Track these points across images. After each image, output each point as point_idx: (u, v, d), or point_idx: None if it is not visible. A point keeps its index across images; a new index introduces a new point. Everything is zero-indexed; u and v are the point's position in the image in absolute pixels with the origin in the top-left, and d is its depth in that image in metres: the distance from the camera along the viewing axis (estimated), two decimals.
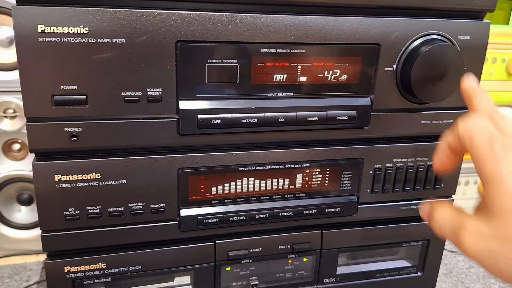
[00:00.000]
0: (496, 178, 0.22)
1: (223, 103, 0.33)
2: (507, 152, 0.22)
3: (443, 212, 0.26)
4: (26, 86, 0.29)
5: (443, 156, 0.27)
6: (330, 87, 0.34)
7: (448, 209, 0.26)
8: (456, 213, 0.25)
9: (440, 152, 0.28)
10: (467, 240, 0.23)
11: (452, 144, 0.27)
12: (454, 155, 0.27)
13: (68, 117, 0.30)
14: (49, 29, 0.28)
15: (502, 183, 0.22)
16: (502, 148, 0.22)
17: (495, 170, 0.22)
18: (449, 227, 0.25)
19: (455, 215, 0.25)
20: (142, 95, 0.31)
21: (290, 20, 0.31)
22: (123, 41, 0.29)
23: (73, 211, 0.33)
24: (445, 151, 0.27)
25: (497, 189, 0.22)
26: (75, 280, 0.35)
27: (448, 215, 0.26)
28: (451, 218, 0.25)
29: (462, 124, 0.25)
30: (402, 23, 0.33)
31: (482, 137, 0.24)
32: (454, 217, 0.25)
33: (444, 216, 0.26)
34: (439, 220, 0.26)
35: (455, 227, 0.24)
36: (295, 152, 0.36)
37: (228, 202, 0.36)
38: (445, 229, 0.25)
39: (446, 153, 0.27)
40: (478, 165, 0.23)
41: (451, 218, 0.25)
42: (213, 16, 0.30)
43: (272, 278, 0.41)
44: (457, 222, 0.24)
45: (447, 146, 0.27)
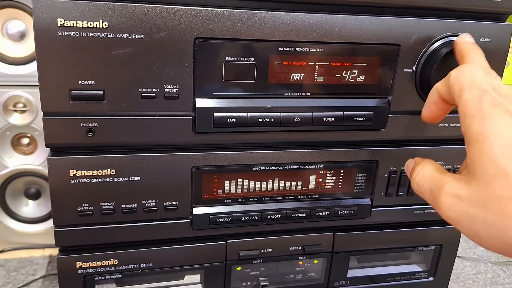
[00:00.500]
0: (481, 139, 0.21)
1: (239, 102, 0.32)
2: (495, 111, 0.21)
3: (424, 171, 0.25)
4: (44, 80, 0.29)
5: (433, 104, 0.26)
6: (347, 88, 0.34)
7: (429, 168, 0.25)
8: (436, 173, 0.24)
9: (430, 100, 0.27)
10: (445, 202, 0.22)
11: (443, 93, 0.26)
12: (444, 105, 0.26)
13: (85, 112, 0.30)
14: (68, 23, 0.28)
15: (486, 144, 0.20)
16: (490, 106, 0.21)
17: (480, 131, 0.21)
18: (428, 188, 0.24)
19: (435, 176, 0.24)
20: (159, 92, 0.31)
21: (310, 19, 0.31)
22: (142, 37, 0.29)
23: (87, 206, 0.33)
24: (436, 99, 0.26)
25: (480, 151, 0.20)
26: (87, 276, 0.35)
27: (429, 174, 0.24)
28: (432, 178, 0.24)
29: (454, 73, 0.24)
30: (423, 24, 0.33)
31: (471, 91, 0.22)
32: (434, 178, 0.24)
33: (425, 174, 0.25)
34: (419, 180, 0.25)
35: (434, 188, 0.23)
36: (309, 153, 0.36)
37: (241, 201, 0.36)
38: (423, 189, 0.24)
39: (436, 102, 0.26)
40: (463, 122, 0.22)
41: (432, 178, 0.24)
42: (232, 13, 0.30)
43: (282, 279, 0.40)
44: (437, 183, 0.23)
45: (438, 94, 0.26)
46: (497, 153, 0.20)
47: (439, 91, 0.26)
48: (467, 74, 0.23)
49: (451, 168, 0.39)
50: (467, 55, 0.27)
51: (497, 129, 0.20)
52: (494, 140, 0.20)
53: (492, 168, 0.20)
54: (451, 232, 0.42)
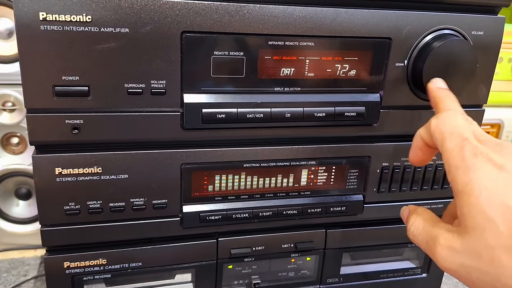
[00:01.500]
0: (467, 191, 0.21)
1: (228, 97, 0.32)
2: (477, 161, 0.22)
3: (418, 222, 0.26)
4: (27, 76, 0.28)
5: (417, 149, 0.27)
6: (338, 82, 0.34)
7: (423, 218, 0.26)
8: (430, 223, 0.25)
9: (415, 145, 0.27)
10: (441, 254, 0.23)
11: (426, 139, 0.26)
12: (428, 149, 0.27)
13: (69, 108, 0.29)
14: (51, 16, 0.27)
15: (473, 197, 0.21)
16: (472, 156, 0.22)
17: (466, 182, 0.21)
18: (424, 239, 0.25)
19: (430, 227, 0.24)
20: (145, 87, 0.30)
21: (300, 12, 0.31)
22: (127, 31, 0.28)
23: (74, 205, 0.32)
24: (419, 144, 0.27)
25: (468, 203, 0.21)
26: (75, 276, 0.34)
27: (423, 225, 0.25)
28: (426, 230, 0.25)
29: (434, 121, 0.25)
30: (414, 17, 0.32)
31: (452, 140, 0.23)
32: (428, 229, 0.24)
33: (419, 226, 0.25)
34: (414, 230, 0.26)
35: (429, 239, 0.24)
36: (301, 149, 0.36)
37: (232, 199, 0.36)
38: (419, 240, 0.25)
39: (420, 147, 0.27)
40: (449, 172, 0.23)
41: (426, 230, 0.25)
42: (220, 6, 0.29)
43: (274, 277, 0.40)
44: (431, 234, 0.24)
45: (421, 140, 0.27)
46: (484, 204, 0.21)
47: (422, 137, 0.27)
48: (446, 122, 0.24)
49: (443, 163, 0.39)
50: (442, 102, 0.28)
51: (481, 179, 0.21)
52: (479, 192, 0.21)
53: (481, 220, 0.21)
54: None
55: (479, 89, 0.36)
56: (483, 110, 0.38)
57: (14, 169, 0.58)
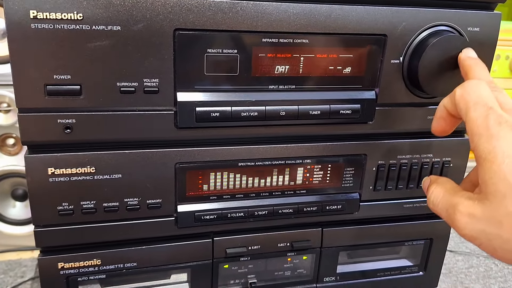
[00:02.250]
0: (490, 158, 0.21)
1: (222, 96, 0.31)
2: (501, 129, 0.22)
3: (438, 191, 0.26)
4: (18, 75, 0.28)
5: (441, 119, 0.27)
6: (333, 80, 0.33)
7: (444, 188, 0.26)
8: (451, 192, 0.25)
9: (438, 115, 0.27)
10: (460, 221, 0.23)
11: (450, 109, 0.26)
12: (452, 119, 0.27)
13: (61, 108, 0.29)
14: (41, 14, 0.27)
15: (495, 164, 0.21)
16: (496, 124, 0.22)
17: (489, 150, 0.21)
18: (444, 208, 0.25)
19: (450, 195, 0.25)
20: (138, 86, 0.30)
21: (294, 8, 0.30)
22: (118, 29, 0.28)
23: (67, 205, 0.32)
24: (443, 114, 0.27)
25: (490, 170, 0.21)
26: (69, 277, 0.34)
27: (443, 194, 0.25)
28: (446, 198, 0.25)
29: (459, 91, 0.25)
30: (410, 13, 0.32)
31: (477, 110, 0.23)
32: (448, 197, 0.25)
33: (439, 195, 0.25)
34: (434, 199, 0.26)
35: (449, 207, 0.24)
36: (296, 147, 0.35)
37: (227, 198, 0.35)
38: (439, 209, 0.25)
39: (444, 117, 0.27)
40: (472, 141, 0.23)
41: (446, 198, 0.25)
42: (213, 3, 0.29)
43: (270, 277, 0.40)
44: (451, 203, 0.24)
45: (445, 110, 0.27)
46: (507, 171, 0.21)
47: (446, 107, 0.27)
48: (471, 92, 0.24)
49: (439, 160, 0.39)
50: (471, 71, 0.28)
51: (505, 147, 0.21)
52: (503, 159, 0.21)
53: (503, 187, 0.21)
54: (441, 226, 0.42)
55: None
56: None
57: (10, 170, 0.57)
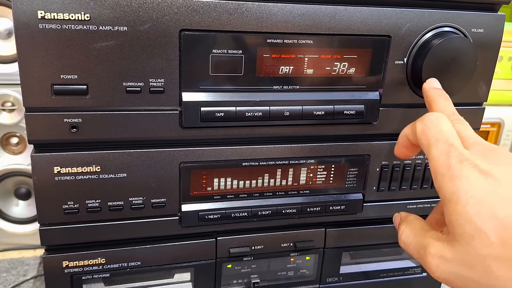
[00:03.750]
0: (454, 199, 0.21)
1: (227, 96, 0.32)
2: (463, 168, 0.21)
3: (408, 231, 0.25)
4: (25, 74, 0.28)
5: (403, 148, 0.28)
6: (337, 80, 0.33)
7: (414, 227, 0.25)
8: (421, 232, 0.24)
9: (401, 143, 0.28)
10: (432, 263, 0.22)
11: (411, 139, 0.26)
12: (413, 147, 0.27)
13: (68, 107, 0.29)
14: (49, 15, 0.27)
15: (460, 205, 0.21)
16: (457, 163, 0.21)
17: (453, 190, 0.21)
18: (415, 248, 0.24)
19: (421, 235, 0.24)
20: (144, 86, 0.30)
21: (298, 9, 0.30)
22: (125, 29, 0.28)
23: (72, 204, 0.32)
24: (405, 144, 0.27)
25: (455, 211, 0.21)
26: (74, 275, 0.34)
27: (414, 234, 0.25)
28: (416, 238, 0.24)
29: (419, 125, 0.24)
30: (414, 15, 0.32)
31: (438, 147, 0.23)
32: (419, 238, 0.24)
33: (410, 234, 0.25)
34: (404, 239, 0.25)
35: (420, 249, 0.24)
36: (300, 147, 0.35)
37: (230, 198, 0.36)
38: (411, 249, 0.25)
39: (405, 146, 0.27)
40: (435, 179, 0.23)
41: (416, 238, 0.24)
42: (218, 4, 0.29)
43: (273, 277, 0.40)
44: (422, 244, 0.24)
45: (406, 139, 0.27)
46: (471, 213, 0.20)
47: (408, 137, 0.27)
48: (432, 127, 0.24)
49: None
50: (435, 103, 0.28)
51: (468, 187, 0.21)
52: (466, 200, 0.21)
53: (469, 228, 0.20)
54: None
55: (479, 87, 0.36)
56: (483, 108, 0.38)
57: (14, 169, 0.58)
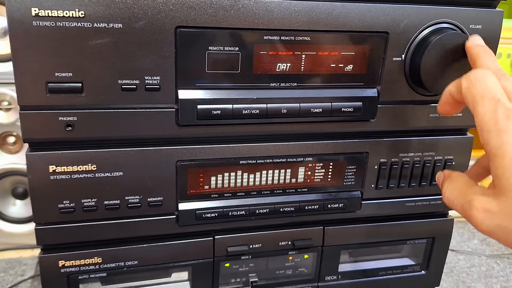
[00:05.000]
0: (500, 153, 0.21)
1: (223, 93, 0.31)
2: (510, 123, 0.21)
3: (453, 186, 0.26)
4: (20, 72, 0.28)
5: (446, 105, 0.27)
6: (335, 77, 0.33)
7: (458, 183, 0.25)
8: (465, 187, 0.25)
9: (444, 100, 0.27)
10: (477, 217, 0.23)
11: (456, 97, 0.26)
12: (457, 104, 0.27)
13: (63, 105, 0.29)
14: (43, 12, 0.27)
15: (506, 159, 0.21)
16: (504, 119, 0.22)
17: (499, 145, 0.21)
18: (459, 203, 0.24)
19: (465, 190, 0.24)
20: (139, 84, 0.30)
21: (295, 6, 0.30)
22: (120, 26, 0.28)
23: (68, 203, 0.32)
24: (449, 100, 0.27)
25: (501, 165, 0.21)
26: (70, 275, 0.34)
27: (458, 190, 0.25)
28: (461, 193, 0.25)
29: (465, 83, 0.24)
30: (412, 11, 0.32)
31: (485, 104, 0.23)
32: (463, 193, 0.24)
33: (454, 190, 0.25)
34: (449, 195, 0.26)
35: (464, 203, 0.24)
36: (297, 145, 0.35)
37: (228, 196, 0.35)
38: (455, 204, 0.25)
39: (449, 103, 0.27)
40: (481, 136, 0.23)
41: (461, 193, 0.25)
42: (214, 1, 0.29)
43: (272, 275, 0.40)
44: (466, 199, 0.24)
45: (450, 97, 0.27)
46: None
47: (452, 94, 0.26)
48: (477, 84, 0.24)
49: (442, 158, 0.38)
50: (479, 59, 0.28)
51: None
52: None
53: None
54: (443, 224, 0.42)
55: None
56: None
57: (11, 169, 0.57)
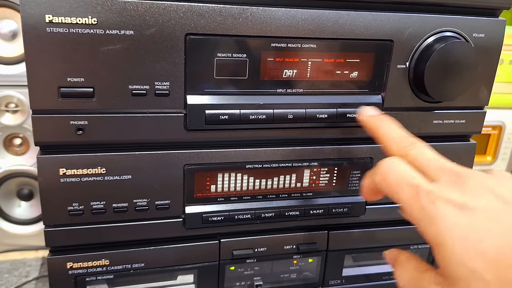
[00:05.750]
0: (440, 243, 0.20)
1: (231, 99, 0.32)
2: (436, 207, 0.20)
3: (404, 274, 0.24)
4: (33, 77, 0.28)
5: (368, 195, 0.27)
6: (340, 84, 0.34)
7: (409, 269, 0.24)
8: (417, 274, 0.23)
9: (364, 192, 0.27)
10: None
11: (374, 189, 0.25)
12: (378, 193, 0.26)
13: (74, 110, 0.30)
14: (57, 19, 0.27)
15: (446, 249, 0.20)
16: (430, 204, 0.20)
17: (436, 233, 0.20)
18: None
19: (416, 278, 0.23)
20: (149, 89, 0.30)
21: (302, 14, 0.31)
22: (131, 33, 0.29)
23: (77, 206, 0.32)
24: (369, 192, 0.26)
25: (445, 256, 0.20)
26: (78, 277, 0.34)
27: (409, 277, 0.24)
28: (413, 282, 0.23)
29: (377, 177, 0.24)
30: (416, 19, 0.33)
31: (404, 192, 0.22)
32: (415, 281, 0.23)
33: (406, 277, 0.24)
34: (400, 279, 0.24)
35: None
36: (303, 150, 0.36)
37: (234, 200, 0.36)
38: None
39: (370, 193, 0.26)
40: (417, 225, 0.21)
41: (413, 282, 0.23)
42: (223, 9, 0.30)
43: (276, 279, 0.40)
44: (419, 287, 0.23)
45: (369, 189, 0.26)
46: (460, 255, 0.19)
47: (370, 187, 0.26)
48: (389, 174, 0.23)
49: None
50: (378, 131, 0.27)
51: (448, 227, 0.20)
52: (452, 243, 0.20)
53: (463, 272, 0.19)
54: None
55: (480, 91, 0.36)
56: (485, 112, 0.38)
57: (17, 170, 0.58)
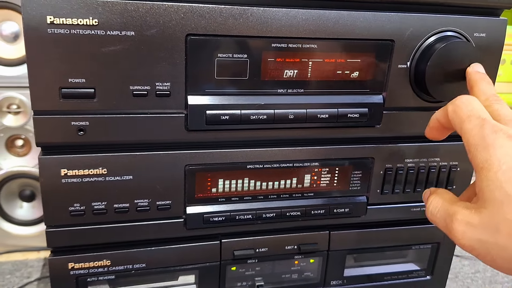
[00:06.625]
0: (486, 167, 0.22)
1: (232, 99, 0.32)
2: (497, 137, 0.22)
3: (436, 201, 0.26)
4: (34, 78, 0.28)
5: (433, 129, 0.28)
6: (341, 84, 0.34)
7: (442, 198, 0.26)
8: (449, 202, 0.25)
9: (431, 125, 0.28)
10: (458, 230, 0.23)
11: (443, 122, 0.27)
12: (444, 129, 0.27)
13: (75, 110, 0.30)
14: (58, 20, 0.27)
15: (492, 172, 0.21)
16: (491, 133, 0.22)
17: (486, 158, 0.22)
18: (442, 217, 0.25)
19: (448, 205, 0.25)
20: (150, 90, 0.30)
21: (303, 14, 0.31)
22: (132, 34, 0.29)
23: (79, 206, 0.32)
24: (436, 126, 0.28)
25: (487, 178, 0.21)
26: (79, 277, 0.34)
27: (441, 204, 0.25)
28: (444, 208, 0.25)
29: (451, 108, 0.25)
30: (417, 19, 0.33)
31: (471, 122, 0.23)
32: (447, 207, 0.25)
33: (437, 205, 0.26)
34: (432, 209, 0.26)
35: (447, 217, 0.24)
36: (304, 150, 0.36)
37: (235, 200, 0.36)
38: (437, 218, 0.25)
39: (437, 128, 0.28)
40: (469, 152, 0.23)
41: (444, 208, 0.25)
42: (224, 10, 0.30)
43: (277, 279, 0.40)
44: (449, 212, 0.24)
45: (437, 122, 0.27)
46: (502, 179, 0.21)
47: (439, 120, 0.27)
48: (463, 106, 0.24)
49: (447, 164, 0.39)
50: (477, 85, 0.28)
51: (501, 155, 0.21)
52: (499, 167, 0.21)
53: (499, 194, 0.21)
54: None
55: None
56: None
57: (18, 171, 0.58)
